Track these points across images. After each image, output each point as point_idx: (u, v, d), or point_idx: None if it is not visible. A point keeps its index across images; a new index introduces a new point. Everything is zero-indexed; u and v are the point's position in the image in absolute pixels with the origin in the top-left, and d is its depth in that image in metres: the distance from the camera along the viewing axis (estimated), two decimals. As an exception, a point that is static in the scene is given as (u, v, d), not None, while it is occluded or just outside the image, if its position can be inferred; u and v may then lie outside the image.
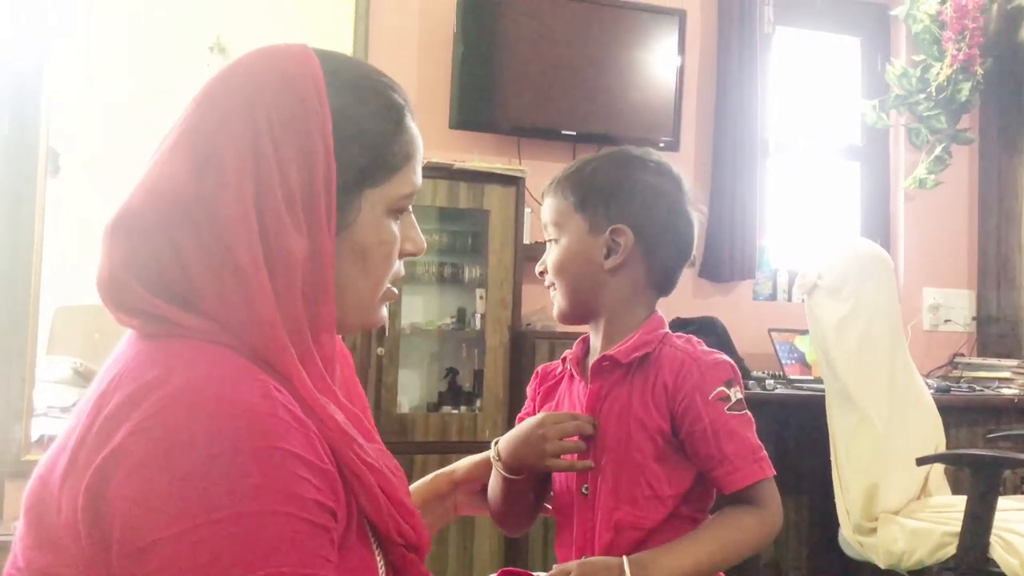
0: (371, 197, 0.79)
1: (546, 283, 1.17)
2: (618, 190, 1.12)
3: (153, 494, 0.62)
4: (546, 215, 1.17)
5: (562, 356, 1.19)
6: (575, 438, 1.06)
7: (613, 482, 1.05)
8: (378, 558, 0.76)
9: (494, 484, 1.10)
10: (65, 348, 2.80)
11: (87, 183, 2.82)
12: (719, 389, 1.04)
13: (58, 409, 2.65)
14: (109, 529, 0.63)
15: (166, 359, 0.69)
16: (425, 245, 0.88)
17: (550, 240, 1.16)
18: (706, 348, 1.10)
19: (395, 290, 0.86)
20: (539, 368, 1.23)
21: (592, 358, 1.14)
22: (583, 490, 1.08)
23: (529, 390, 1.22)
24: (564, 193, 1.14)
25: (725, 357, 1.08)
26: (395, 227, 0.82)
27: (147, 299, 0.71)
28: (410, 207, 0.85)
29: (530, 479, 1.09)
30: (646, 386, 1.06)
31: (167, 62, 2.88)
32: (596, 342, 1.15)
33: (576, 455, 1.06)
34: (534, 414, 1.15)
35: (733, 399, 1.04)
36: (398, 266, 0.84)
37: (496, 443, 1.08)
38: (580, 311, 1.14)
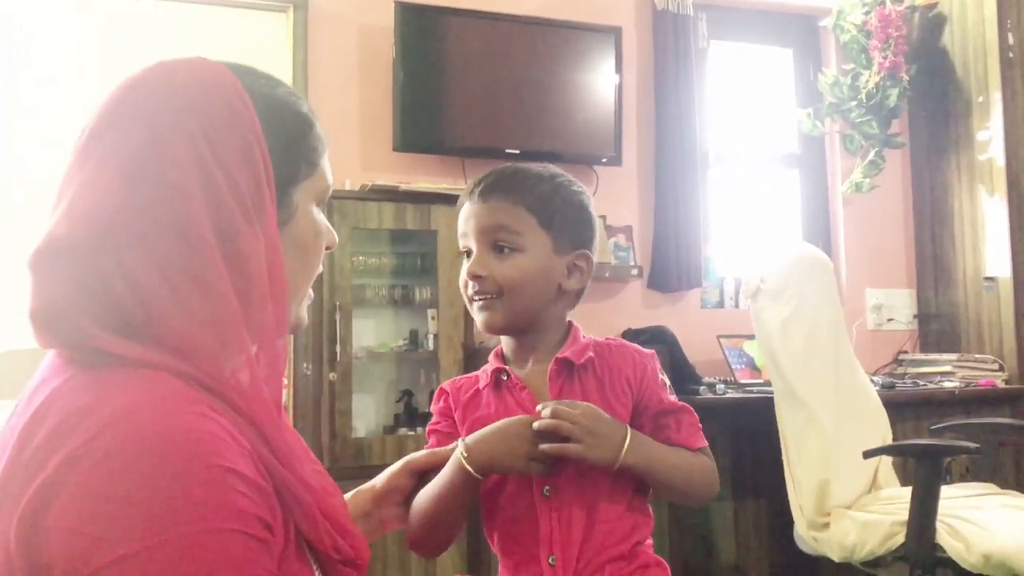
0: (302, 191, 0.81)
1: (479, 289, 1.12)
2: (581, 214, 1.18)
3: (94, 520, 0.61)
4: (491, 219, 1.12)
5: (484, 369, 1.18)
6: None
7: (577, 479, 1.08)
8: (317, 575, 0.76)
9: (441, 488, 1.06)
10: (10, 393, 2.73)
11: (34, 223, 2.77)
12: (661, 376, 1.19)
13: None
14: (49, 561, 0.61)
15: (99, 387, 0.67)
16: (337, 237, 0.89)
17: (501, 247, 1.12)
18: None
19: (312, 293, 0.88)
20: (444, 386, 1.20)
21: (523, 368, 1.16)
22: (544, 492, 1.08)
23: (439, 407, 1.18)
24: (523, 205, 1.12)
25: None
26: (321, 219, 0.85)
27: (87, 331, 0.68)
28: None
29: (481, 484, 1.08)
30: (603, 382, 1.13)
31: (101, 88, 2.84)
32: (516, 352, 1.17)
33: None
34: (454, 430, 1.14)
35: (667, 381, 1.20)
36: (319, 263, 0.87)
37: (463, 442, 1.06)
38: (520, 324, 1.15)
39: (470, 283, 1.13)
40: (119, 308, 0.69)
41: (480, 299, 1.13)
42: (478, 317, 1.15)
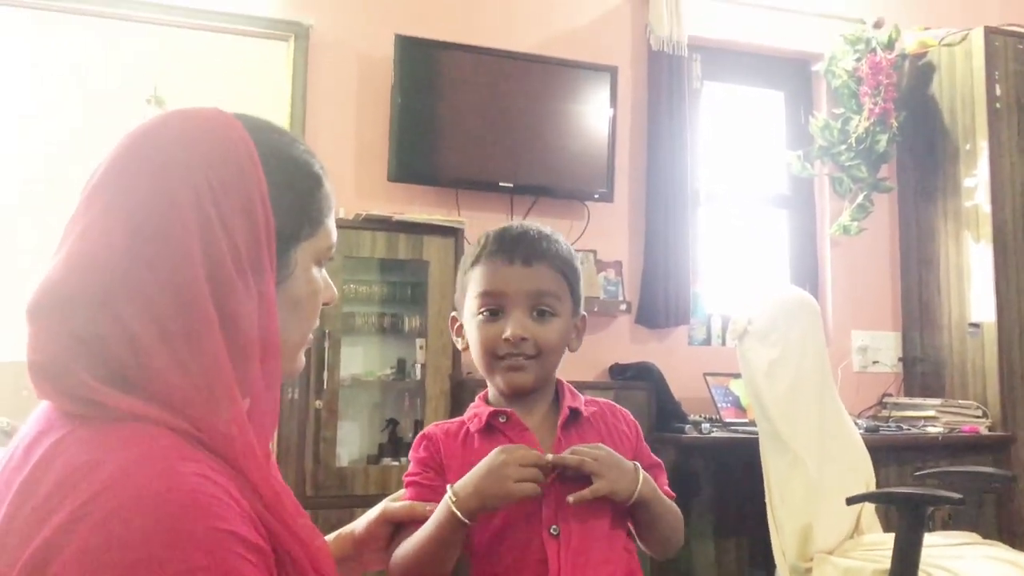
0: (303, 250, 0.81)
1: (518, 351, 1.13)
2: (579, 277, 1.22)
3: None
4: (537, 284, 1.14)
5: (470, 415, 1.18)
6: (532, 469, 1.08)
7: (585, 521, 1.09)
8: None
9: (428, 539, 1.05)
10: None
11: (15, 240, 2.77)
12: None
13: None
14: None
15: (98, 443, 0.66)
16: (337, 294, 0.90)
17: (542, 311, 1.15)
18: None
19: (311, 337, 0.88)
20: (428, 432, 1.17)
21: (530, 418, 1.16)
22: (552, 531, 1.08)
23: (420, 456, 1.16)
24: (560, 272, 1.17)
25: None
26: (320, 277, 0.85)
27: (85, 383, 0.68)
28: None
29: (470, 527, 1.07)
30: (604, 434, 1.18)
31: (103, 113, 2.86)
32: (512, 401, 1.17)
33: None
34: (436, 482, 1.12)
35: None
36: (317, 317, 0.87)
37: (451, 487, 1.05)
38: (542, 385, 1.18)
39: (503, 344, 1.13)
40: (116, 362, 0.69)
41: (513, 360, 1.14)
42: (505, 377, 1.14)
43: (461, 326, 1.22)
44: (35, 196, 2.81)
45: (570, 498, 1.05)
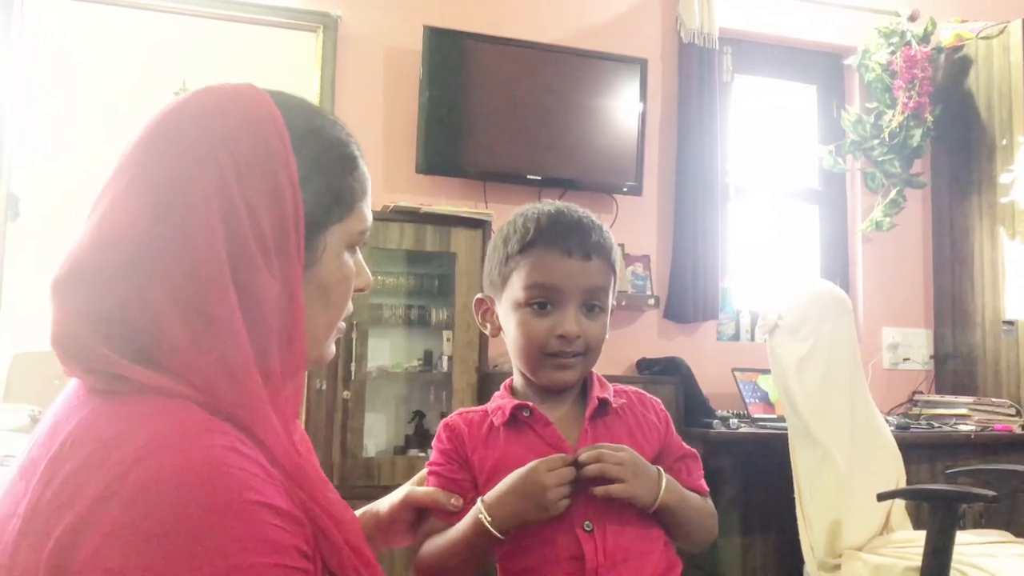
0: (333, 234, 0.79)
1: (570, 349, 1.09)
2: (618, 267, 1.19)
3: (132, 559, 0.60)
4: (594, 280, 1.11)
5: (493, 404, 1.15)
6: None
7: (619, 516, 1.07)
8: None
9: (459, 547, 1.04)
10: (22, 395, 2.75)
11: (47, 228, 2.81)
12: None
13: (15, 458, 2.59)
14: None
15: (124, 417, 0.66)
16: (371, 280, 0.88)
17: (592, 306, 1.11)
18: None
19: (343, 325, 0.86)
20: (450, 422, 1.15)
21: (544, 406, 1.13)
22: (586, 527, 1.06)
23: (443, 447, 1.13)
24: (611, 265, 1.13)
25: None
26: (351, 263, 0.83)
27: (107, 357, 0.68)
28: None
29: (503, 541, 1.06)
30: (631, 425, 1.15)
31: (132, 108, 2.89)
32: (539, 391, 1.15)
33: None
34: (458, 474, 1.11)
35: None
36: (349, 303, 0.85)
37: (483, 501, 1.04)
38: (581, 380, 1.16)
39: (554, 341, 1.09)
40: (137, 338, 0.69)
41: (563, 359, 1.10)
42: (550, 376, 1.11)
43: (490, 310, 1.17)
44: (66, 189, 2.85)
45: (595, 490, 1.04)
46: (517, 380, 1.18)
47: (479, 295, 1.20)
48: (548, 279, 1.09)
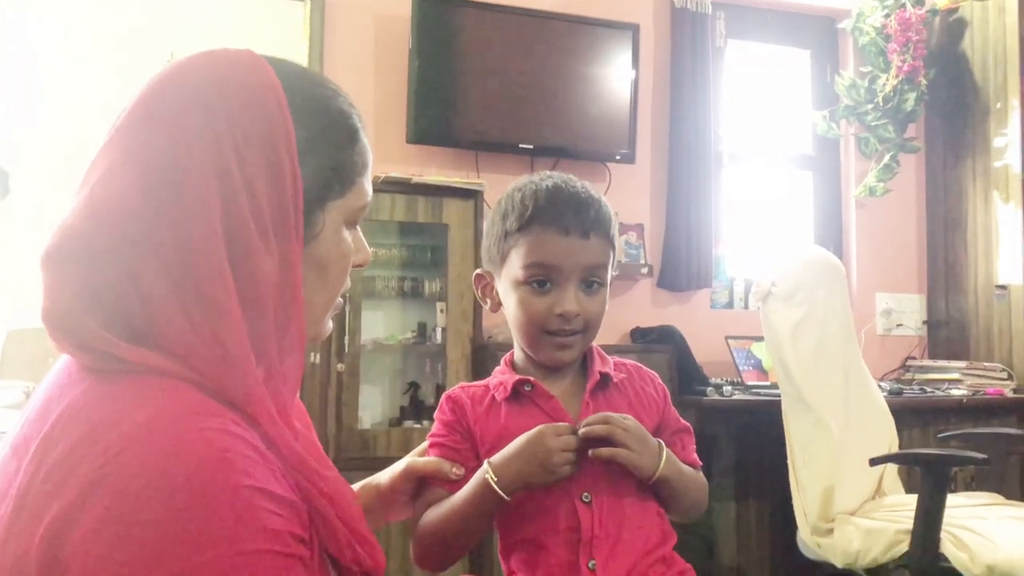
0: (332, 210, 0.77)
1: (569, 327, 1.10)
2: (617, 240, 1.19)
3: (123, 546, 0.59)
4: (593, 258, 1.10)
5: (494, 379, 1.15)
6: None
7: (615, 487, 1.08)
8: None
9: (464, 510, 1.05)
10: (17, 372, 2.75)
11: (38, 204, 2.78)
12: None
13: (8, 434, 2.59)
14: None
15: (116, 398, 0.65)
16: (371, 256, 0.86)
17: (591, 282, 1.11)
18: None
19: (341, 300, 0.84)
20: (452, 394, 1.15)
21: (546, 380, 1.13)
22: (584, 498, 1.07)
23: (446, 418, 1.13)
24: (610, 241, 1.12)
25: None
26: (350, 239, 0.81)
27: (99, 335, 0.66)
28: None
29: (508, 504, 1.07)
30: (631, 398, 1.15)
31: (119, 80, 2.85)
32: (539, 365, 1.15)
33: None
34: (462, 444, 1.11)
35: None
36: (347, 279, 0.83)
37: (489, 463, 1.04)
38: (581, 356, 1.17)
39: (554, 319, 1.09)
40: (129, 316, 0.67)
41: (563, 337, 1.11)
42: (551, 354, 1.12)
43: (490, 285, 1.17)
44: (51, 161, 2.82)
45: (599, 452, 1.04)
46: (518, 355, 1.18)
47: (478, 271, 1.19)
48: (546, 258, 1.09)
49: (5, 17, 2.84)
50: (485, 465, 1.05)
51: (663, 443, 1.11)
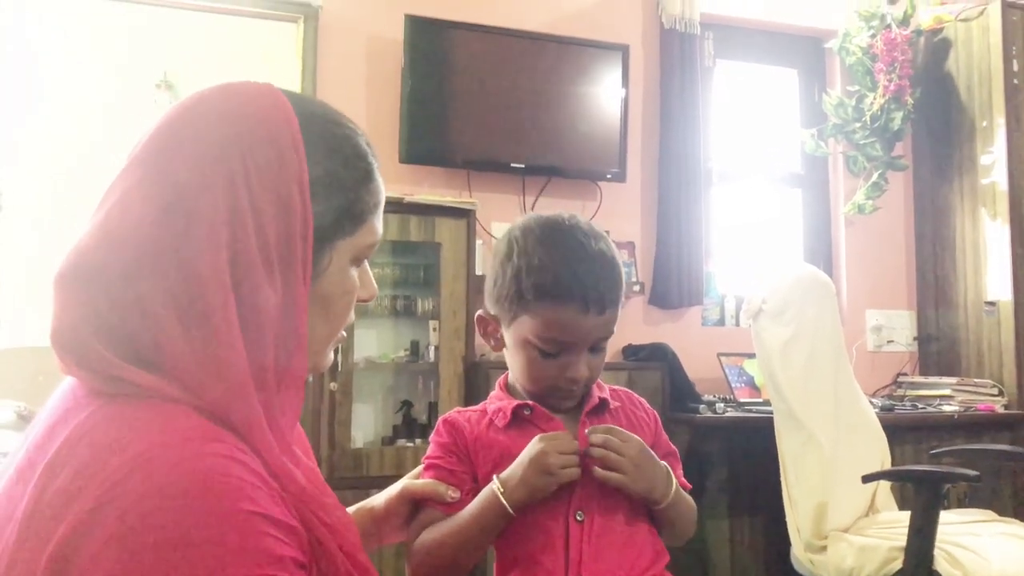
0: (340, 247, 0.77)
1: (577, 387, 1.11)
2: None
3: (128, 570, 0.60)
4: (608, 330, 1.11)
5: (491, 405, 1.16)
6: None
7: (608, 506, 1.09)
8: None
9: (471, 527, 1.06)
10: (8, 392, 2.73)
11: (30, 223, 2.78)
12: None
13: (1, 454, 2.58)
14: None
15: (121, 422, 0.66)
16: (377, 291, 0.86)
17: (599, 348, 1.12)
18: None
19: (344, 334, 0.85)
20: (450, 418, 1.15)
21: (556, 409, 1.14)
22: (577, 517, 1.07)
23: (442, 441, 1.13)
24: (619, 304, 1.12)
25: None
26: (356, 276, 0.82)
27: (105, 357, 0.67)
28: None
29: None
30: (623, 422, 1.16)
31: (113, 100, 2.86)
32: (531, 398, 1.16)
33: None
34: (458, 467, 1.11)
35: None
36: (351, 313, 0.83)
37: (498, 479, 1.05)
38: None
39: (562, 381, 1.10)
40: (135, 340, 0.68)
41: (567, 392, 1.12)
42: (558, 403, 1.13)
43: (495, 328, 1.16)
44: (46, 181, 2.82)
45: (594, 470, 1.06)
46: (513, 378, 1.18)
47: (481, 312, 1.18)
48: (562, 336, 1.08)
49: (4, 23, 2.85)
50: (494, 480, 1.06)
51: (669, 468, 1.12)
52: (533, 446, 1.06)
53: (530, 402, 1.13)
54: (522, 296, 1.09)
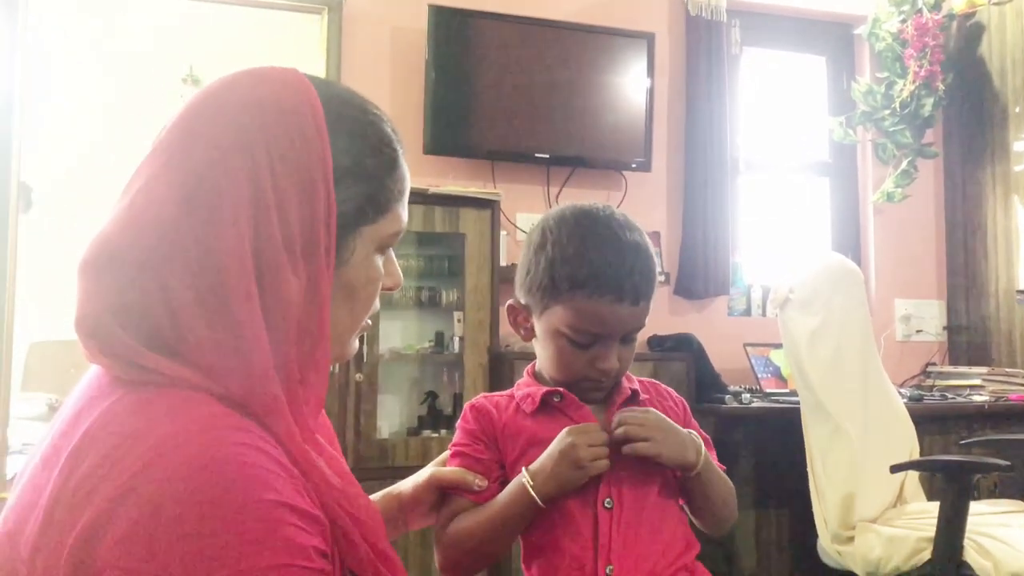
0: (365, 235, 0.77)
1: (608, 378, 1.11)
2: None
3: (151, 559, 0.60)
4: (640, 321, 1.10)
5: (519, 391, 1.15)
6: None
7: (639, 493, 1.08)
8: None
9: (501, 519, 1.06)
10: (39, 384, 2.78)
11: (60, 218, 2.82)
12: None
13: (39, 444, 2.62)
14: None
15: (145, 410, 0.66)
16: (402, 280, 0.86)
17: (631, 338, 1.11)
18: None
19: (369, 322, 0.84)
20: (477, 404, 1.15)
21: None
22: (606, 504, 1.07)
23: (469, 428, 1.13)
24: (652, 295, 1.11)
25: None
26: (381, 264, 0.81)
27: (129, 346, 0.67)
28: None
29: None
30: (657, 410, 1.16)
31: (139, 95, 2.89)
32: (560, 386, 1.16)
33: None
34: (485, 454, 1.11)
35: None
36: (376, 301, 0.83)
37: (527, 471, 1.05)
38: None
39: (593, 371, 1.10)
40: (157, 327, 0.68)
41: (596, 383, 1.12)
42: (587, 394, 1.12)
43: (525, 318, 1.15)
44: (77, 177, 2.86)
45: (623, 449, 1.05)
46: (541, 367, 1.18)
47: (511, 301, 1.18)
48: (595, 327, 1.08)
49: (25, 32, 2.89)
50: (524, 472, 1.06)
51: (695, 434, 1.12)
52: (562, 439, 1.05)
53: (561, 389, 1.13)
54: (555, 286, 1.08)
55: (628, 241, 1.09)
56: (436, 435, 2.82)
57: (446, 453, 1.16)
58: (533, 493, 1.03)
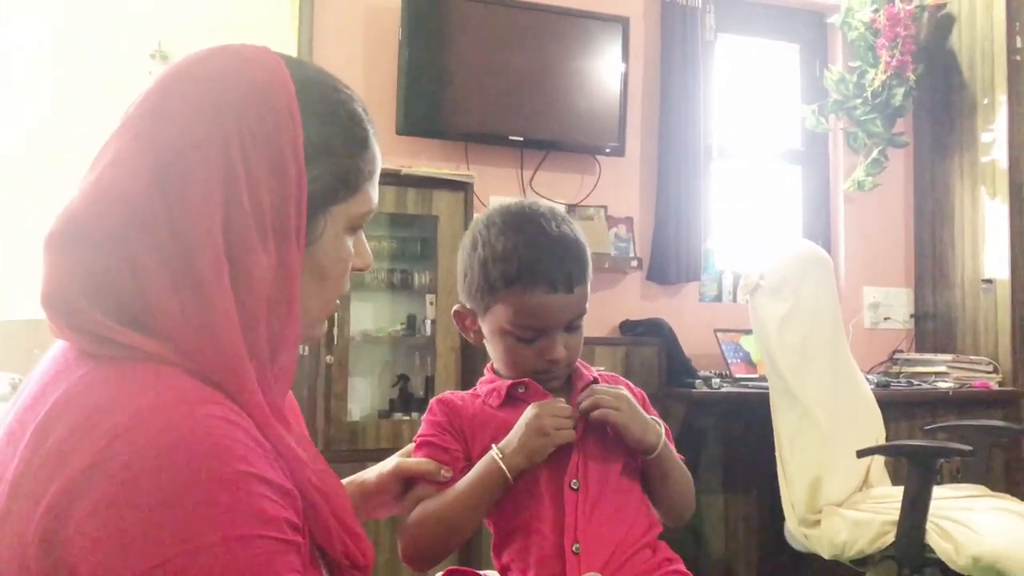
0: (335, 214, 0.77)
1: (557, 369, 1.13)
2: None
3: (121, 530, 0.60)
4: (579, 308, 1.12)
5: (483, 388, 1.16)
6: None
7: (604, 474, 1.10)
8: None
9: (469, 498, 1.06)
10: (2, 364, 2.73)
11: (22, 195, 2.76)
12: None
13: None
14: (72, 569, 0.60)
15: (114, 383, 0.66)
16: (372, 261, 0.86)
17: (574, 326, 1.13)
18: None
19: (338, 303, 0.85)
20: (444, 398, 1.16)
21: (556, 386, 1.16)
22: (572, 485, 1.09)
23: (435, 420, 1.14)
24: (587, 281, 1.14)
25: None
26: (351, 244, 0.81)
27: (98, 320, 0.67)
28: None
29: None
30: None
31: (107, 70, 2.83)
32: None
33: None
34: (451, 444, 1.12)
35: None
36: (346, 282, 0.83)
37: (496, 447, 1.07)
38: None
39: (541, 364, 1.12)
40: (125, 302, 0.68)
41: (546, 375, 1.14)
42: (545, 385, 1.14)
43: (472, 322, 1.17)
44: (40, 151, 2.80)
45: (592, 415, 1.08)
46: (497, 366, 1.19)
47: (457, 307, 1.19)
48: (534, 321, 1.10)
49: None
50: (493, 448, 1.07)
51: (658, 419, 1.14)
52: (528, 411, 1.08)
53: (525, 380, 1.14)
54: (491, 286, 1.10)
55: (555, 232, 1.11)
56: (407, 418, 2.81)
57: (411, 445, 1.16)
58: (503, 465, 1.05)
